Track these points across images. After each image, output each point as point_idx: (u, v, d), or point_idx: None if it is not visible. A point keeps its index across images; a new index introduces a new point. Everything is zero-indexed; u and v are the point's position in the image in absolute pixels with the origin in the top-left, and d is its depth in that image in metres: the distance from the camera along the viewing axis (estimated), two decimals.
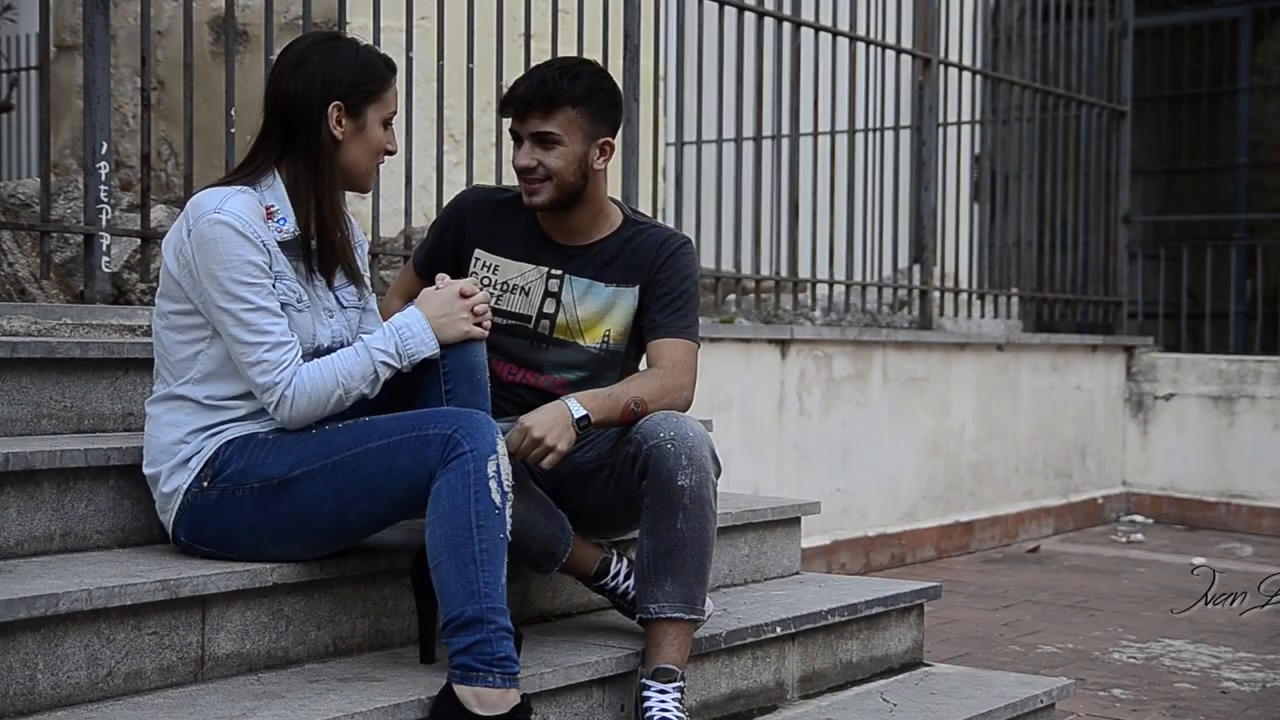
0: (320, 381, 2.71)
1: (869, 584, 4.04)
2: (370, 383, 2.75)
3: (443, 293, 2.81)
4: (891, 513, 6.47)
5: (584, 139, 3.06)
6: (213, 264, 2.67)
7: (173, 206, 4.37)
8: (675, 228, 6.09)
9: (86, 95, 3.73)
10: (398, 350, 2.75)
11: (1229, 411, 7.96)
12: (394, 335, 2.75)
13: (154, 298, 4.12)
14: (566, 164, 3.05)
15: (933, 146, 6.88)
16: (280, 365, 2.69)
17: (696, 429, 2.96)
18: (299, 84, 2.77)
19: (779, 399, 5.84)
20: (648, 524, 2.96)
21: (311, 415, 2.73)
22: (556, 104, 3.02)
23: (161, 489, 2.78)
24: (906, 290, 6.95)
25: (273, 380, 2.69)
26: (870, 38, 6.57)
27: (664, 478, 2.91)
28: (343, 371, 2.73)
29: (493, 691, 2.58)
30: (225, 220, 2.67)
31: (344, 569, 2.88)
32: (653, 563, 2.96)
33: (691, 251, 3.21)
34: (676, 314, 3.16)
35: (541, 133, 3.03)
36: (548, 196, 3.06)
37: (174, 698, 2.57)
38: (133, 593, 2.54)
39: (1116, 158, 8.39)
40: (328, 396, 2.72)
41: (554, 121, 3.03)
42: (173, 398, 2.78)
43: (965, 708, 3.44)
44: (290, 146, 2.79)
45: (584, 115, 3.05)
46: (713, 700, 3.29)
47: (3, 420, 2.97)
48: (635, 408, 2.99)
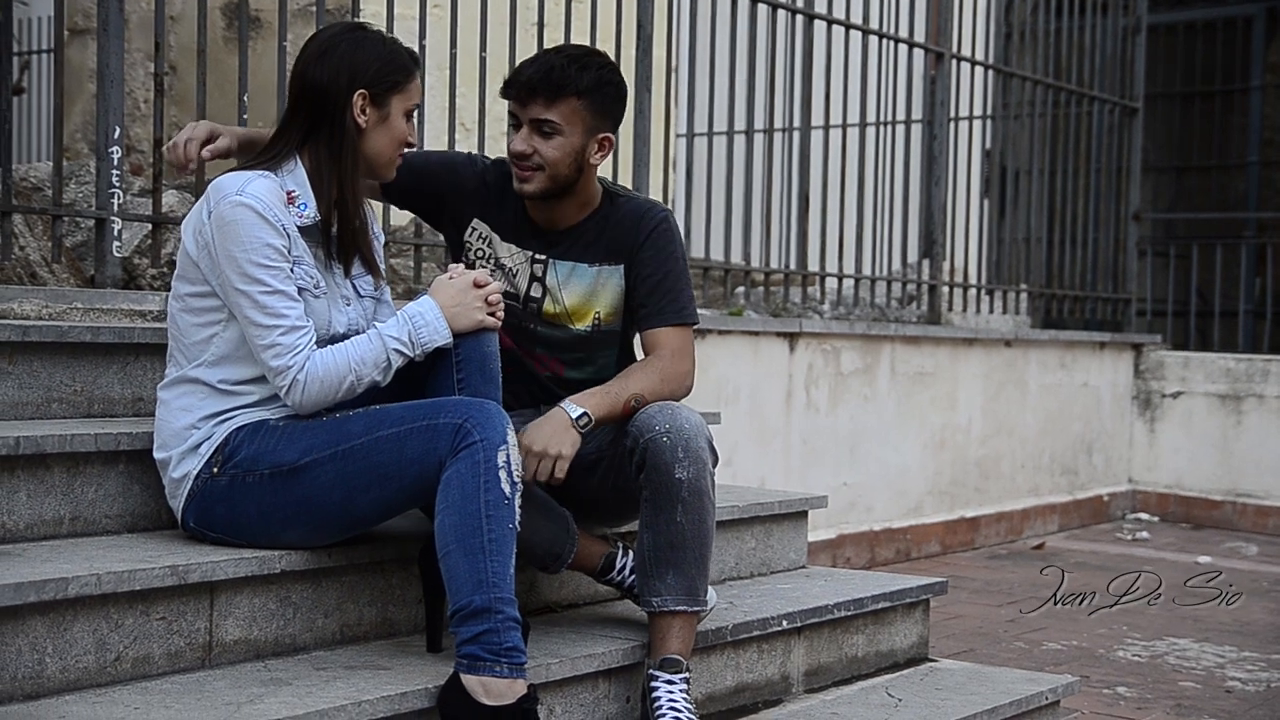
0: (333, 367, 2.72)
1: (875, 579, 4.04)
2: (383, 370, 2.75)
3: (456, 282, 2.82)
4: (897, 507, 6.47)
5: (584, 132, 3.00)
6: (232, 245, 2.68)
7: (184, 192, 4.37)
8: (685, 219, 6.12)
9: (100, 80, 3.73)
10: (411, 338, 2.75)
11: (1236, 410, 7.95)
12: (407, 323, 2.76)
13: (165, 283, 4.14)
14: (563, 155, 2.98)
15: (943, 141, 6.87)
16: (294, 349, 2.69)
17: (692, 420, 2.94)
18: (325, 72, 2.78)
19: (787, 392, 5.84)
20: (647, 517, 2.96)
21: (323, 400, 2.73)
22: (562, 93, 2.96)
23: (171, 474, 2.79)
24: (915, 285, 6.94)
25: (286, 364, 2.69)
26: (882, 31, 6.56)
27: (661, 471, 2.90)
28: (356, 358, 2.73)
29: (500, 681, 2.59)
30: (246, 203, 2.69)
31: (352, 557, 2.88)
32: (654, 556, 2.96)
33: (671, 225, 3.12)
34: (665, 298, 3.09)
35: (542, 120, 2.97)
36: (539, 186, 3.01)
37: (181, 683, 2.57)
38: (141, 578, 2.55)
39: (1128, 154, 8.38)
40: (339, 382, 2.72)
41: (556, 110, 2.96)
42: (185, 381, 2.78)
43: (970, 704, 3.44)
44: (313, 133, 2.80)
45: (588, 108, 2.99)
46: (718, 693, 3.29)
47: (13, 404, 2.98)
48: (635, 403, 2.98)
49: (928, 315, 6.89)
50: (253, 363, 2.75)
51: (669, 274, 3.09)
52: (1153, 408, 8.16)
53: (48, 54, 8.58)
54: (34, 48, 8.95)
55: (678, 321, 3.10)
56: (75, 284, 3.94)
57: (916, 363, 6.56)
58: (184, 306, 2.78)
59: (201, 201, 2.77)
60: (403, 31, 3.82)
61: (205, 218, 2.73)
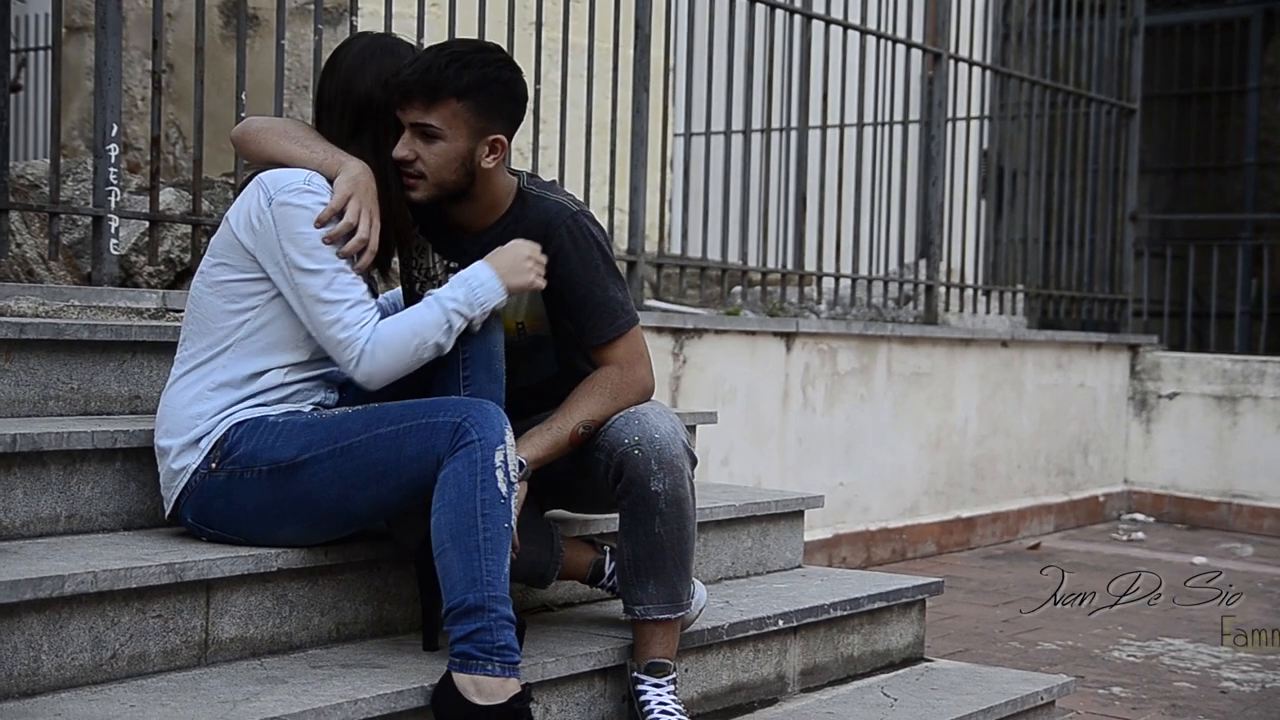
0: (397, 334, 2.74)
1: (871, 578, 4.05)
2: (445, 332, 2.76)
3: (509, 249, 2.86)
4: (893, 507, 6.48)
5: (469, 135, 2.81)
6: (300, 226, 2.72)
7: (181, 190, 4.37)
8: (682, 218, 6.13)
9: (97, 77, 3.73)
10: (468, 299, 2.77)
11: (1232, 411, 7.96)
12: (463, 285, 2.79)
13: (162, 281, 4.14)
14: (446, 161, 2.81)
15: (941, 141, 6.87)
16: (360, 323, 2.73)
17: (664, 427, 2.86)
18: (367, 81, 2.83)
19: (783, 392, 5.84)
20: (626, 526, 2.93)
21: (393, 368, 2.75)
22: (439, 95, 2.77)
23: (170, 464, 2.78)
24: (912, 285, 6.95)
25: (353, 336, 2.72)
26: (880, 31, 6.56)
27: (637, 484, 2.85)
28: (417, 323, 2.75)
29: (492, 680, 2.59)
30: (313, 190, 2.74)
31: (348, 555, 2.88)
32: (634, 566, 2.94)
33: (578, 227, 2.92)
34: (595, 313, 2.93)
35: (422, 124, 2.79)
36: (424, 194, 2.84)
37: (177, 681, 2.57)
38: (138, 576, 2.55)
39: (1125, 155, 8.38)
40: (405, 347, 2.74)
41: (436, 114, 2.78)
42: (200, 366, 2.78)
43: (966, 704, 3.44)
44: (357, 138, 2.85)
45: (471, 109, 2.79)
46: (714, 692, 3.29)
47: (10, 401, 2.98)
48: (585, 430, 2.87)
49: (924, 315, 6.90)
50: (273, 354, 2.77)
51: (592, 286, 2.92)
52: (1149, 408, 8.17)
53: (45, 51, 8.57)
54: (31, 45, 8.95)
55: (615, 335, 2.94)
56: (72, 281, 3.94)
57: (913, 363, 6.57)
58: (217, 292, 2.79)
59: (254, 190, 2.79)
60: (401, 29, 3.83)
61: (265, 205, 2.75)
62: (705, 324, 5.40)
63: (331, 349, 2.76)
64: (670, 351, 5.26)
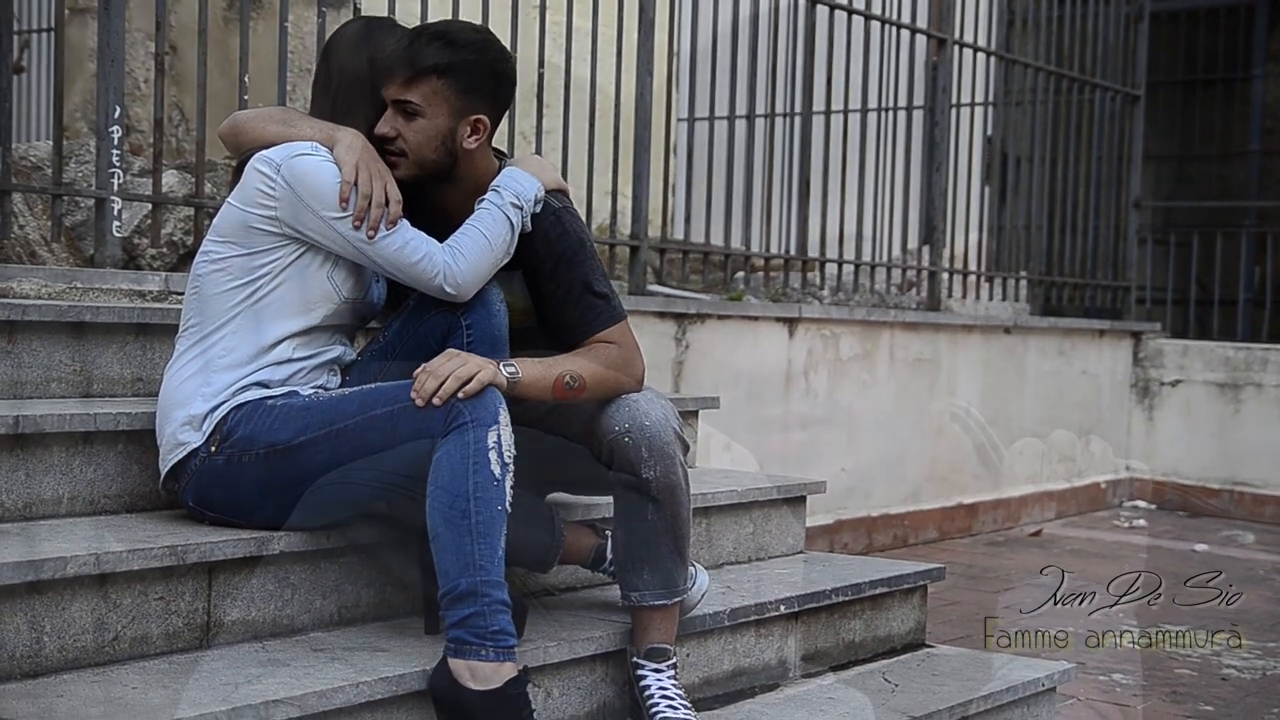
0: (468, 237, 2.80)
1: (872, 564, 4.05)
2: (508, 227, 2.82)
3: (524, 159, 2.97)
4: (895, 493, 6.48)
5: (450, 114, 2.79)
6: (318, 186, 2.73)
7: (184, 172, 4.36)
8: (685, 204, 6.12)
9: (100, 59, 3.72)
10: (515, 192, 2.84)
11: (1235, 399, 7.95)
12: (504, 187, 2.85)
13: (164, 263, 4.14)
14: (426, 139, 2.79)
15: (945, 127, 6.86)
16: (427, 239, 2.78)
17: (654, 414, 2.84)
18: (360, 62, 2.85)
19: (786, 377, 5.84)
20: (620, 513, 2.93)
21: (480, 267, 2.79)
22: (420, 72, 2.76)
23: (175, 435, 2.76)
24: (915, 271, 6.94)
25: (428, 251, 2.77)
26: (885, 16, 6.54)
27: (628, 472, 2.85)
28: (479, 222, 2.82)
29: (486, 665, 2.58)
30: (309, 154, 2.75)
31: (350, 538, 2.88)
32: (629, 553, 2.94)
33: (563, 223, 2.91)
34: (582, 307, 2.90)
35: (403, 101, 2.78)
36: (405, 172, 2.82)
37: (179, 663, 2.58)
38: (140, 558, 2.55)
39: (1129, 142, 8.37)
40: (479, 244, 2.79)
41: (416, 91, 2.77)
42: (202, 342, 2.77)
43: (967, 689, 3.45)
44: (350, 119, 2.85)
45: (451, 88, 2.78)
46: (715, 677, 3.29)
47: (12, 383, 2.98)
48: (571, 383, 2.80)
49: (927, 301, 6.89)
50: (278, 322, 2.76)
51: (575, 282, 2.90)
52: (1151, 396, 8.17)
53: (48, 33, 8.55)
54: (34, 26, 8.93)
55: (605, 325, 2.91)
56: (75, 263, 3.94)
57: (916, 349, 6.56)
58: (221, 269, 2.77)
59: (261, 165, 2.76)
60: (404, 15, 3.82)
61: (273, 173, 2.74)
62: (708, 309, 5.40)
63: (413, 276, 2.77)
64: (673, 336, 5.26)
